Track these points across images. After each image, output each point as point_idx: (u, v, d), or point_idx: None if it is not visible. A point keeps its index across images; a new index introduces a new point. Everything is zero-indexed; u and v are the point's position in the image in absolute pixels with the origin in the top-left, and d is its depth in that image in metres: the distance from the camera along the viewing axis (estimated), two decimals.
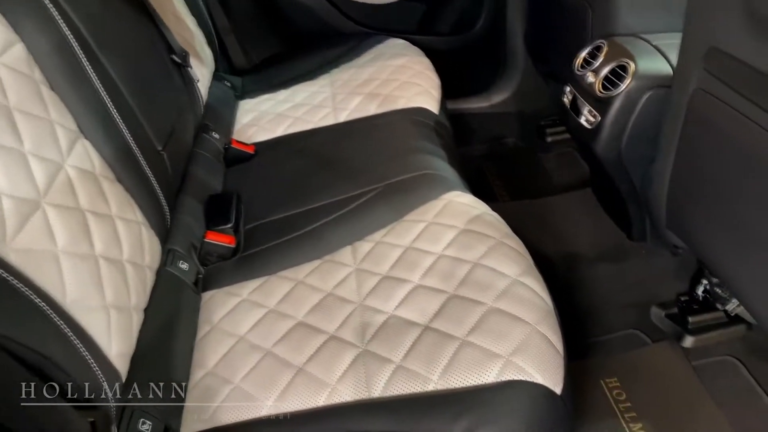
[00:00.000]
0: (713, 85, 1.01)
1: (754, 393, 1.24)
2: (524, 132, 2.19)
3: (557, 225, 1.67)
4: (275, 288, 1.06)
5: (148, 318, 0.93)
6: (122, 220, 0.91)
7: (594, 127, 1.29)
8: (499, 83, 2.20)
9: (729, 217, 0.99)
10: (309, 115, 1.60)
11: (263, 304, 1.03)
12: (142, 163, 1.04)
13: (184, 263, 1.09)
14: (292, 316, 0.99)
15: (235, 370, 0.92)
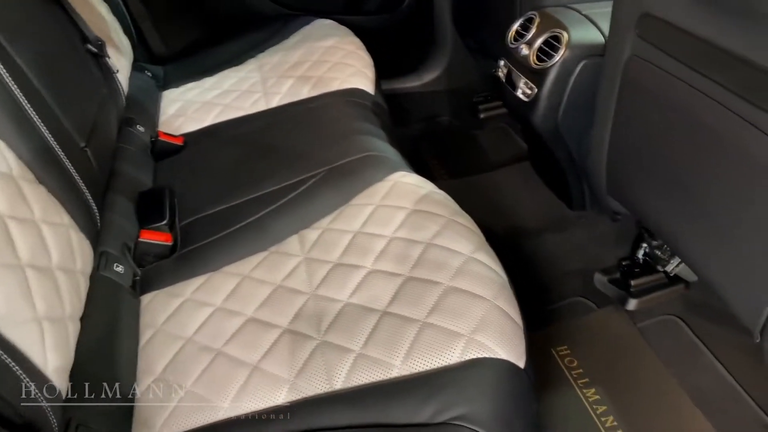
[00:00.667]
0: (647, 51, 1.02)
1: (698, 349, 1.29)
2: (457, 109, 2.19)
3: (498, 200, 1.67)
4: (220, 285, 1.01)
5: (85, 327, 0.87)
6: (48, 225, 0.84)
7: (531, 100, 1.29)
8: (429, 61, 2.19)
9: (668, 178, 1.02)
10: (239, 101, 1.53)
11: (209, 303, 0.98)
12: (65, 161, 0.96)
13: (119, 266, 1.02)
14: (241, 312, 0.95)
15: (186, 374, 0.87)
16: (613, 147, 1.15)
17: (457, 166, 1.91)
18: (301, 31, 1.78)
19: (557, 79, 1.24)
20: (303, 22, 1.82)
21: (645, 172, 1.08)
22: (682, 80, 0.95)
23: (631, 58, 1.06)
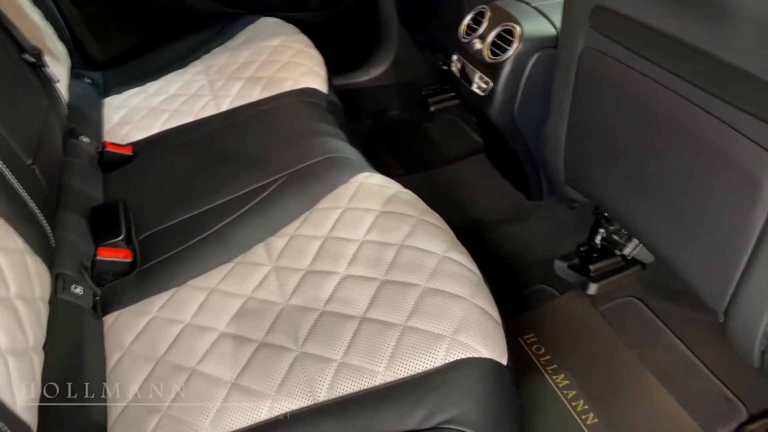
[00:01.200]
0: (600, 42, 1.04)
1: (658, 328, 1.33)
2: (407, 103, 2.19)
3: (457, 194, 1.69)
4: (187, 300, 0.98)
5: (49, 355, 0.82)
6: (2, 252, 0.79)
7: (487, 94, 1.30)
8: (376, 56, 2.17)
9: (626, 165, 1.04)
10: (187, 106, 1.48)
11: (178, 320, 0.95)
12: (12, 181, 0.91)
13: (77, 287, 0.98)
14: (212, 327, 0.92)
15: (161, 397, 0.84)
16: (570, 137, 1.17)
17: (412, 161, 1.91)
18: (246, 30, 1.74)
19: (512, 73, 1.25)
20: (247, 21, 1.78)
21: (603, 161, 1.10)
22: (637, 70, 0.97)
23: (585, 50, 1.07)
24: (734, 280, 0.86)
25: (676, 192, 0.94)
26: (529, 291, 1.45)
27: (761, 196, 0.79)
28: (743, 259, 0.84)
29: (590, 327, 1.37)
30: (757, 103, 0.76)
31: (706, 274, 0.92)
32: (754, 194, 0.79)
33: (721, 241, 0.87)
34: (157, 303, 0.99)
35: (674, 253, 0.98)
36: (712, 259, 0.90)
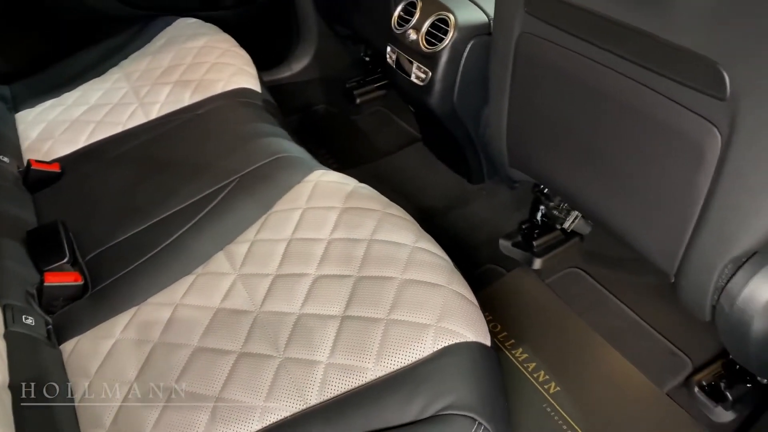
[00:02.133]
0: (536, 27, 1.07)
1: (602, 294, 1.41)
2: (332, 96, 2.18)
3: (400, 184, 1.70)
4: (151, 318, 0.94)
5: (15, 394, 0.77)
6: None
7: (426, 83, 1.32)
8: (296, 50, 2.15)
9: (571, 142, 1.09)
10: (113, 116, 1.41)
11: (145, 339, 0.91)
12: None
13: (28, 317, 0.92)
14: (185, 344, 0.89)
15: (141, 422, 0.80)
16: (512, 120, 1.21)
17: (347, 155, 1.91)
18: (164, 32, 1.67)
19: (449, 61, 1.28)
20: (164, 22, 1.71)
21: (548, 141, 1.14)
22: (576, 52, 1.01)
23: (521, 35, 1.11)
24: (684, 243, 0.93)
25: (624, 165, 0.99)
26: (479, 272, 1.49)
27: (705, 162, 0.85)
28: (692, 222, 0.90)
29: (540, 300, 1.42)
30: (697, 77, 0.82)
31: (657, 240, 0.98)
32: (699, 161, 0.85)
33: (670, 207, 0.93)
34: (118, 324, 0.94)
35: (624, 223, 1.04)
36: (662, 225, 0.96)
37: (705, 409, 1.16)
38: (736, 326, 0.89)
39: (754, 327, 0.87)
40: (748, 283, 0.87)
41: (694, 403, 1.18)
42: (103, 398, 0.84)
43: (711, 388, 1.17)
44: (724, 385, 1.15)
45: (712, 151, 0.83)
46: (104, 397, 0.84)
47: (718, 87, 0.79)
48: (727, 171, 0.82)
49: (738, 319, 0.89)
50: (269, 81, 2.08)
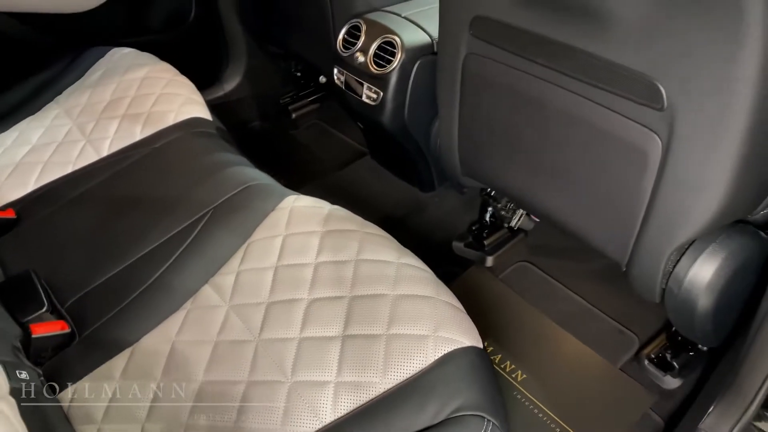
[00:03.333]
0: (481, 47, 1.17)
1: (551, 284, 1.53)
2: (266, 113, 2.20)
3: (353, 198, 1.76)
4: (149, 358, 0.96)
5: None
6: None
7: (378, 103, 1.39)
8: (227, 70, 2.16)
9: (523, 151, 1.18)
10: (60, 155, 1.39)
11: (148, 379, 0.93)
12: None
13: (22, 372, 0.91)
14: (191, 379, 0.91)
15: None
16: (463, 133, 1.29)
17: (294, 173, 1.94)
18: (98, 64, 1.65)
19: (399, 81, 1.35)
20: (97, 53, 1.68)
21: (500, 151, 1.24)
22: (521, 70, 1.11)
23: (468, 56, 1.20)
24: (633, 237, 1.04)
25: (573, 169, 1.10)
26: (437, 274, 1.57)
27: (648, 166, 0.96)
28: (639, 218, 1.02)
29: (496, 295, 1.53)
30: (636, 91, 0.93)
31: (608, 235, 1.10)
32: (643, 165, 0.97)
33: (619, 206, 1.04)
34: (116, 367, 0.95)
35: (576, 221, 1.15)
36: (612, 222, 1.08)
37: (656, 379, 1.30)
38: (684, 304, 1.02)
39: (699, 304, 1.01)
40: (692, 266, 1.00)
41: (645, 374, 1.32)
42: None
43: (659, 359, 1.31)
44: (669, 355, 1.29)
45: (654, 155, 0.95)
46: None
47: (656, 99, 0.91)
48: (668, 172, 0.94)
49: (685, 299, 1.02)
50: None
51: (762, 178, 0.94)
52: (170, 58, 1.67)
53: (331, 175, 1.89)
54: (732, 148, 0.86)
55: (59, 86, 1.61)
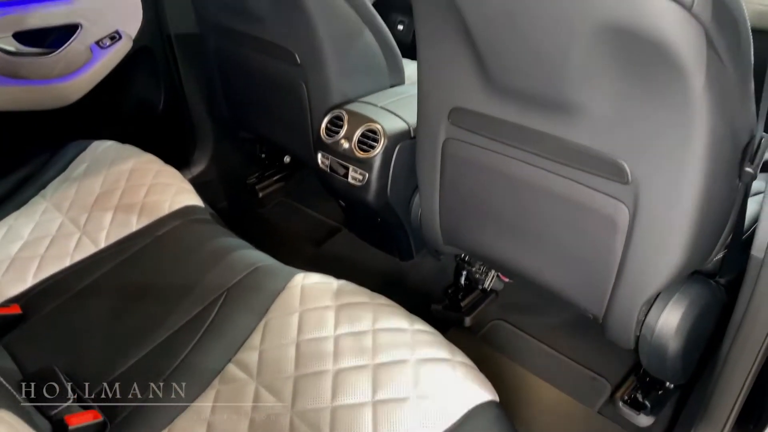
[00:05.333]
0: (459, 133, 1.32)
1: (525, 339, 1.67)
2: (234, 194, 2.29)
3: (338, 271, 1.84)
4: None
5: None
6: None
7: (364, 184, 1.52)
8: (195, 154, 2.25)
9: (503, 222, 1.33)
10: (56, 248, 1.43)
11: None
12: None
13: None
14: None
15: None
16: (443, 207, 1.44)
17: (272, 252, 2.02)
18: (81, 158, 1.71)
19: (383, 163, 1.50)
20: (77, 148, 1.74)
21: (480, 222, 1.39)
22: (496, 152, 1.27)
23: (447, 140, 1.35)
24: (608, 292, 1.20)
25: (549, 236, 1.26)
26: None
27: (618, 231, 1.13)
28: (613, 276, 1.18)
29: (477, 354, 1.62)
30: (603, 169, 1.10)
31: (585, 291, 1.25)
32: (613, 230, 1.13)
33: (594, 266, 1.20)
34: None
35: (554, 282, 1.30)
36: (588, 281, 1.23)
37: (631, 419, 1.44)
38: (657, 349, 1.18)
39: (670, 347, 1.16)
40: (661, 315, 1.16)
41: (620, 415, 1.46)
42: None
43: (631, 400, 1.46)
44: (641, 395, 1.44)
45: (622, 222, 1.12)
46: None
47: (621, 175, 1.08)
48: (636, 235, 1.11)
49: (658, 344, 1.17)
50: None
51: (714, 234, 1.13)
52: (140, 145, 1.75)
53: (310, 252, 1.99)
54: (688, 213, 1.04)
55: (42, 180, 1.66)
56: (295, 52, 1.62)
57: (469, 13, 1.11)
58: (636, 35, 0.90)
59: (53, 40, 1.83)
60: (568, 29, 0.97)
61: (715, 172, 1.01)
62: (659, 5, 0.84)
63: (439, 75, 1.29)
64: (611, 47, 0.95)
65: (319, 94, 1.65)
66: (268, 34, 1.67)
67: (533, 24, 1.02)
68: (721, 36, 0.88)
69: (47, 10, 1.74)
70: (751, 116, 1.04)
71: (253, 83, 1.86)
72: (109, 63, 1.86)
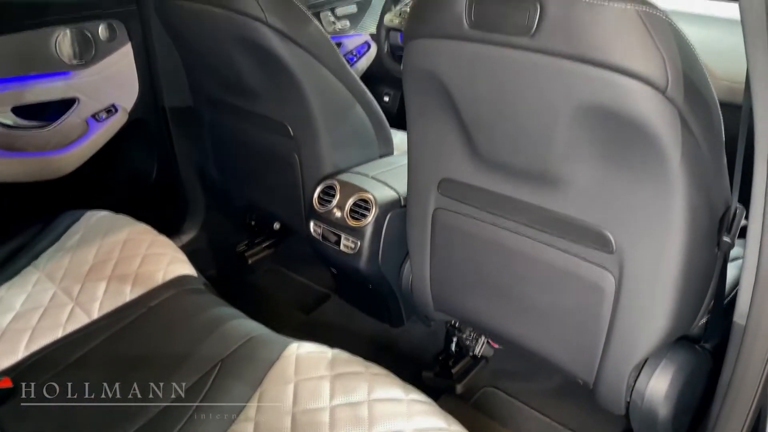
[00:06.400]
0: (449, 203, 1.37)
1: (516, 405, 1.68)
2: (223, 261, 2.31)
3: (330, 338, 1.85)
4: None
5: None
6: None
7: (356, 252, 1.55)
8: (185, 223, 2.27)
9: (493, 289, 1.37)
10: (48, 319, 1.43)
11: None
12: None
13: None
14: None
15: None
16: (434, 275, 1.47)
17: (264, 320, 2.02)
18: (75, 228, 1.72)
19: (374, 232, 1.53)
20: (71, 218, 1.76)
21: (468, 288, 1.42)
22: (484, 221, 1.32)
23: (436, 210, 1.40)
24: (598, 358, 1.23)
25: (538, 302, 1.29)
26: None
27: (605, 298, 1.17)
28: (601, 342, 1.21)
29: (470, 422, 1.61)
30: (588, 238, 1.15)
31: (575, 358, 1.28)
32: (600, 297, 1.17)
33: (583, 332, 1.23)
34: None
35: (545, 347, 1.33)
36: (577, 347, 1.26)
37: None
38: (648, 414, 1.20)
39: (660, 413, 1.18)
40: (650, 381, 1.18)
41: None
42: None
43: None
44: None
45: (609, 289, 1.16)
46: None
47: (606, 244, 1.13)
48: (622, 302, 1.15)
49: (648, 409, 1.19)
50: None
51: (697, 300, 1.17)
52: (132, 214, 1.78)
53: (301, 319, 2.00)
54: (671, 280, 1.08)
55: (35, 251, 1.67)
56: (289, 125, 1.68)
57: (456, 93, 1.17)
58: (615, 116, 0.96)
59: (50, 113, 1.87)
60: (551, 110, 1.03)
61: (694, 241, 1.05)
62: (636, 89, 0.91)
63: (428, 147, 1.35)
64: (592, 126, 1.01)
65: (312, 165, 1.70)
66: (263, 107, 1.73)
67: (518, 104, 1.08)
68: (694, 116, 0.95)
69: (46, 85, 1.79)
70: (725, 188, 1.10)
71: (245, 154, 1.91)
72: (104, 135, 1.90)
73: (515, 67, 1.04)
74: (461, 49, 1.09)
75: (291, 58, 1.52)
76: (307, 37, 1.54)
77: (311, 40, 1.54)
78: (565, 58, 0.95)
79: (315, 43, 1.55)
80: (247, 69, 1.66)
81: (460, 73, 1.14)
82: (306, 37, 1.53)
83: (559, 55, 0.96)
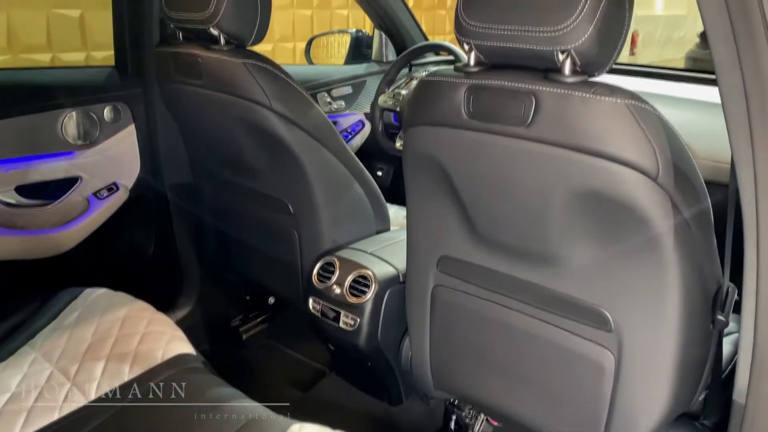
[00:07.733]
0: (447, 280, 1.40)
1: None
2: (218, 336, 2.29)
3: (329, 418, 1.81)
4: None
5: None
6: None
7: (355, 329, 1.56)
8: (180, 297, 2.27)
9: (493, 366, 1.38)
10: (45, 400, 1.41)
11: None
12: None
13: None
14: None
15: None
16: (434, 353, 1.48)
17: (259, 399, 2.01)
18: (73, 306, 1.72)
19: (373, 309, 1.55)
20: (69, 295, 1.76)
21: (469, 365, 1.42)
22: (483, 298, 1.34)
23: (436, 288, 1.42)
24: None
25: (539, 379, 1.30)
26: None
27: (605, 375, 1.18)
28: (602, 420, 1.21)
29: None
30: (587, 317, 1.18)
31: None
32: (600, 375, 1.19)
33: (583, 410, 1.24)
34: None
35: (546, 426, 1.33)
36: (578, 425, 1.26)
37: None
38: None
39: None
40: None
41: None
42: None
43: None
44: None
45: (609, 367, 1.17)
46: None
47: (605, 323, 1.15)
48: (622, 380, 1.16)
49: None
50: None
51: (695, 377, 1.19)
52: (126, 289, 1.78)
53: (297, 396, 1.97)
54: (669, 358, 1.10)
55: (32, 330, 1.66)
56: (289, 202, 1.73)
57: (456, 176, 1.23)
58: (610, 200, 1.01)
59: (52, 191, 1.90)
60: (547, 193, 1.08)
61: (690, 319, 1.09)
62: (629, 176, 0.96)
63: (427, 225, 1.39)
64: (588, 209, 1.06)
65: (311, 242, 1.73)
66: (263, 185, 1.78)
67: (516, 187, 1.13)
68: (684, 201, 1.00)
69: (51, 164, 1.83)
70: (716, 268, 1.14)
71: (243, 229, 1.94)
72: (104, 213, 1.93)
73: (512, 153, 1.09)
74: (461, 136, 1.15)
75: (294, 140, 1.58)
76: (309, 121, 1.60)
77: (313, 123, 1.61)
78: (560, 146, 1.01)
79: (316, 126, 1.62)
80: (249, 148, 1.72)
81: (459, 157, 1.19)
82: (308, 121, 1.60)
83: (554, 144, 1.02)
